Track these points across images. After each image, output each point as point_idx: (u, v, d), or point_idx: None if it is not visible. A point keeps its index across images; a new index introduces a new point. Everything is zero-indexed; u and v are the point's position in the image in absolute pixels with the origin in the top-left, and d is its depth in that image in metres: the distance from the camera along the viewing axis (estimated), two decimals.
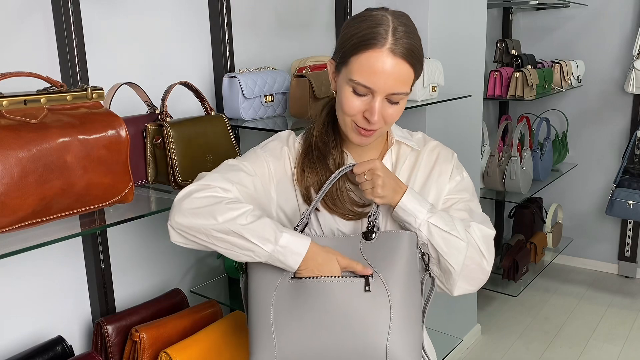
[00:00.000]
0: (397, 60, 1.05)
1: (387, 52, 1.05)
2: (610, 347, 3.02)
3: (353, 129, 1.13)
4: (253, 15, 2.00)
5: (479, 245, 1.16)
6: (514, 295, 3.26)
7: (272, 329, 1.06)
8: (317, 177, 1.18)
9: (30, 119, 1.07)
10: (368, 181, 1.10)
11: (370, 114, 1.08)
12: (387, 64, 1.05)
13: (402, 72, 1.07)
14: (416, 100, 2.12)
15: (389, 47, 1.05)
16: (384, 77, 1.06)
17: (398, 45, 1.05)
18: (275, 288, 1.08)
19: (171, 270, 1.86)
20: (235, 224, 1.04)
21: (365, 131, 1.12)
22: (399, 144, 1.24)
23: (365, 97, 1.09)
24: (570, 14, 3.81)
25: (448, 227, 1.12)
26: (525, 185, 3.19)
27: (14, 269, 1.44)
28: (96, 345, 1.54)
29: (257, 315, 1.08)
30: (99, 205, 1.17)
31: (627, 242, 3.85)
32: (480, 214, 1.24)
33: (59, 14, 1.42)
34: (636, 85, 3.40)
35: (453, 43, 2.53)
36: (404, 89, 1.09)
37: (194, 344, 1.49)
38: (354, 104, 1.09)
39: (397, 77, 1.06)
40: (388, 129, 1.19)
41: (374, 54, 1.05)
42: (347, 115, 1.11)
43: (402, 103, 1.12)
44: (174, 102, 1.59)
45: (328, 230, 1.19)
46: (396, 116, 1.13)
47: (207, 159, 1.47)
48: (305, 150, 1.21)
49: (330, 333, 1.04)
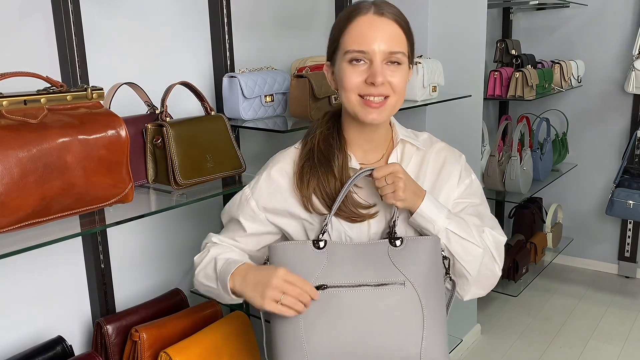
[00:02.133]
0: (384, 19, 1.07)
1: (373, 15, 1.08)
2: (610, 347, 3.02)
3: (362, 105, 1.10)
4: (253, 15, 2.00)
5: (492, 251, 1.16)
6: (514, 295, 3.25)
7: (302, 336, 1.05)
8: (319, 181, 1.15)
9: (30, 119, 1.07)
10: (389, 185, 1.09)
11: (373, 75, 1.06)
12: (376, 23, 1.07)
13: (393, 30, 1.08)
14: (416, 100, 2.12)
15: (374, 11, 1.08)
16: (376, 37, 1.06)
17: (383, 8, 1.08)
18: None
19: (171, 270, 1.86)
20: (197, 279, 1.23)
21: (374, 103, 1.08)
22: (403, 143, 1.22)
23: (363, 67, 1.08)
24: (570, 14, 3.81)
25: (465, 233, 1.12)
26: (525, 185, 3.19)
27: (14, 269, 1.44)
28: (96, 345, 1.54)
29: (286, 323, 1.07)
30: (99, 205, 1.17)
31: (627, 242, 3.85)
32: (490, 218, 1.23)
33: (59, 14, 1.42)
34: (636, 85, 3.40)
35: (453, 43, 2.53)
36: (399, 48, 1.08)
37: (194, 344, 1.49)
38: (354, 74, 1.08)
39: (389, 35, 1.07)
40: (398, 105, 1.14)
41: (361, 19, 1.08)
42: (351, 91, 1.09)
43: (403, 69, 1.11)
44: (174, 102, 1.59)
45: (336, 234, 1.17)
46: (402, 84, 1.11)
47: (207, 159, 1.47)
48: (305, 155, 1.19)
49: (363, 338, 1.05)
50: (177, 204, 1.41)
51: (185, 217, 1.87)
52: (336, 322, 1.05)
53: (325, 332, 1.05)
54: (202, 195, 1.47)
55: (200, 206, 1.90)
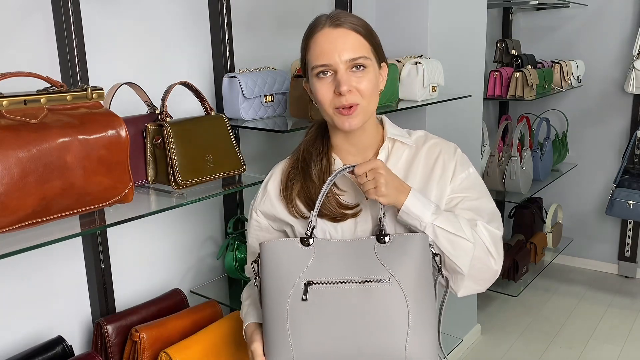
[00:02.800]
0: (340, 29, 1.12)
1: (328, 29, 1.12)
2: (610, 347, 3.02)
3: (337, 115, 1.14)
4: (253, 16, 2.00)
5: (487, 245, 1.16)
6: (514, 295, 3.25)
7: (288, 330, 1.07)
8: (302, 187, 1.20)
9: (30, 119, 1.07)
10: (370, 181, 1.10)
11: (338, 85, 1.10)
12: (333, 35, 1.11)
13: (350, 38, 1.12)
14: (416, 100, 2.12)
15: (329, 25, 1.12)
16: (335, 48, 1.10)
17: (337, 20, 1.12)
18: (290, 291, 1.08)
19: (171, 270, 1.86)
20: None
21: (345, 110, 1.12)
22: (392, 141, 1.23)
23: (330, 78, 1.12)
24: (570, 14, 3.81)
25: (454, 228, 1.12)
26: (525, 185, 3.19)
27: (14, 269, 1.44)
28: (96, 345, 1.54)
29: (273, 318, 1.09)
30: (99, 205, 1.17)
31: (627, 242, 3.85)
32: (490, 211, 1.22)
33: (59, 14, 1.42)
34: (636, 85, 3.40)
35: (453, 43, 2.53)
36: (360, 53, 1.11)
37: (194, 344, 1.49)
38: (323, 88, 1.13)
39: (347, 44, 1.11)
40: (370, 107, 1.16)
41: (319, 35, 1.13)
42: (324, 104, 1.14)
43: (369, 72, 1.13)
44: (174, 102, 1.59)
45: (321, 235, 1.18)
46: (369, 88, 1.13)
47: (207, 159, 1.47)
48: (292, 164, 1.24)
49: (347, 334, 1.05)
50: (177, 204, 1.41)
51: (185, 217, 1.87)
52: (321, 318, 1.06)
53: (311, 328, 1.06)
54: (202, 195, 1.47)
55: (200, 206, 1.90)
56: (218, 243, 2.00)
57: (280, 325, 1.07)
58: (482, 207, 1.21)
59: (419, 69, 2.09)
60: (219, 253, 1.94)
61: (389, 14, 2.39)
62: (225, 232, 1.99)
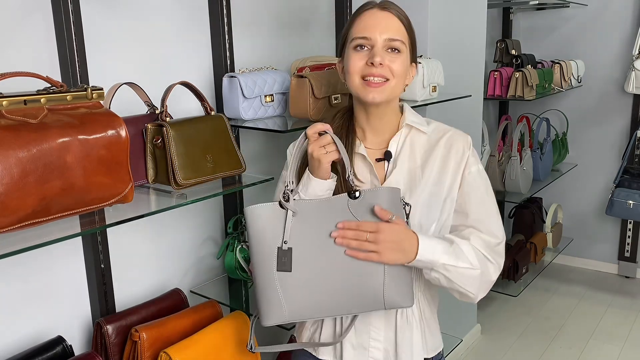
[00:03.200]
0: (387, 12, 1.22)
1: (376, 9, 1.23)
2: (610, 347, 3.02)
3: (363, 86, 1.21)
4: (253, 15, 2.00)
5: (486, 256, 1.21)
6: (514, 295, 3.26)
7: (277, 287, 1.14)
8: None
9: (30, 119, 1.07)
10: (371, 243, 1.13)
11: (373, 56, 1.19)
12: (378, 15, 1.21)
13: (393, 22, 1.21)
14: (416, 100, 2.12)
15: (378, 6, 1.23)
16: (378, 25, 1.20)
17: (386, 5, 1.23)
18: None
19: (171, 270, 1.86)
20: None
21: (374, 83, 1.20)
22: (409, 127, 1.30)
23: (366, 52, 1.21)
24: (570, 14, 3.81)
25: (461, 261, 1.18)
26: (525, 185, 3.19)
27: (14, 268, 1.45)
28: (96, 345, 1.54)
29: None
30: (99, 205, 1.17)
31: (627, 242, 3.85)
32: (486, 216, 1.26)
33: (59, 14, 1.42)
34: (636, 85, 3.40)
35: (453, 43, 2.53)
36: (398, 36, 1.21)
37: (194, 344, 1.49)
38: (357, 58, 1.21)
39: (389, 25, 1.21)
40: (397, 89, 1.24)
41: (366, 13, 1.23)
42: (355, 74, 1.21)
43: (402, 57, 1.22)
44: (174, 102, 1.59)
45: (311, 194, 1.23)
46: (400, 70, 1.21)
47: (207, 159, 1.47)
48: None
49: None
50: (177, 204, 1.41)
51: (185, 217, 1.87)
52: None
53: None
54: (202, 195, 1.47)
55: (200, 206, 1.90)
56: (218, 243, 2.00)
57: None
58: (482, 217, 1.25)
59: (419, 69, 2.09)
60: (219, 253, 1.94)
61: None
62: (225, 232, 1.99)
